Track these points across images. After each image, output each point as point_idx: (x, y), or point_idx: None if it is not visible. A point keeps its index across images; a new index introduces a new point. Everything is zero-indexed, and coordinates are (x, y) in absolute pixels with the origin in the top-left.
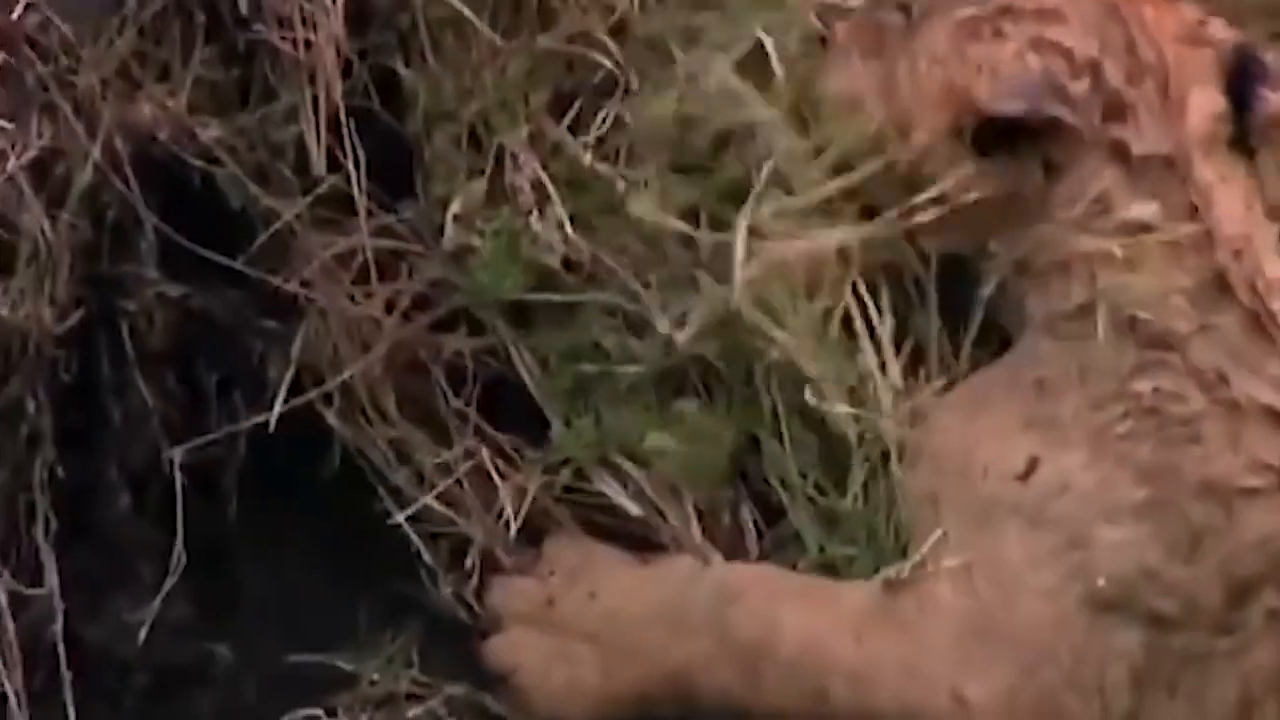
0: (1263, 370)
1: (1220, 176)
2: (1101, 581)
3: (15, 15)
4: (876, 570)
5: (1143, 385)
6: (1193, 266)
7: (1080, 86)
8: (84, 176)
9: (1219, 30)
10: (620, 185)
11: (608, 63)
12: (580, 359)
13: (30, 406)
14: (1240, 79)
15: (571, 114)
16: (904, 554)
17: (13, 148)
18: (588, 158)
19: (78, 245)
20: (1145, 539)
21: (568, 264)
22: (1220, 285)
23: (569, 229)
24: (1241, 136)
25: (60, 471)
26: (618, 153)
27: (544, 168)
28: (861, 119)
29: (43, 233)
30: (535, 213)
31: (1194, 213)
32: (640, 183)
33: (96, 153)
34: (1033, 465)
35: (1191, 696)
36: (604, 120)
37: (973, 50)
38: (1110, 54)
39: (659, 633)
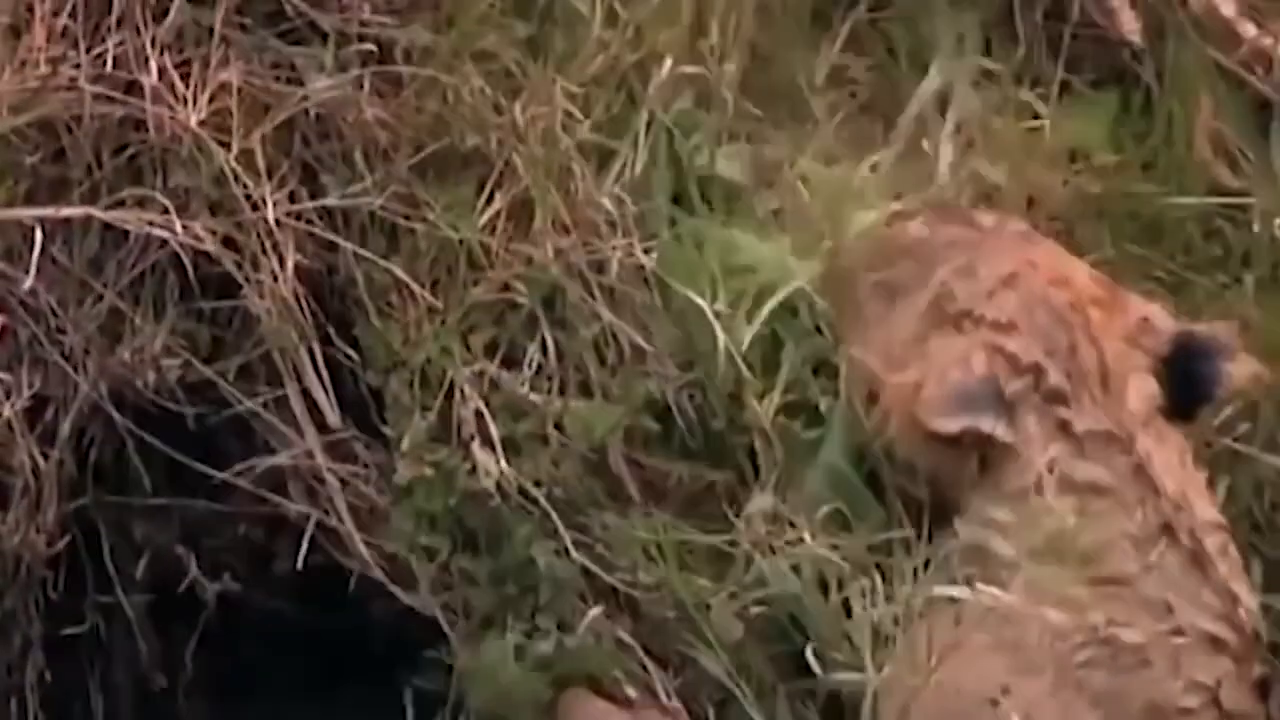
0: (1201, 600)
1: (1158, 439)
2: None
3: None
4: None
5: (1097, 616)
6: (1138, 518)
7: (1019, 384)
8: (70, 420)
9: (1162, 321)
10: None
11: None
12: (505, 580)
13: (22, 619)
14: (1191, 359)
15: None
16: None
17: (7, 396)
18: (525, 389)
19: (65, 480)
20: None
21: (502, 490)
22: (1165, 530)
23: (503, 463)
24: (1179, 408)
25: (48, 675)
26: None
27: (485, 401)
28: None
29: (34, 470)
30: (476, 440)
31: (1137, 473)
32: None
33: (81, 399)
34: (1004, 691)
35: None
36: (532, 359)
37: (933, 340)
38: (1053, 358)
39: None
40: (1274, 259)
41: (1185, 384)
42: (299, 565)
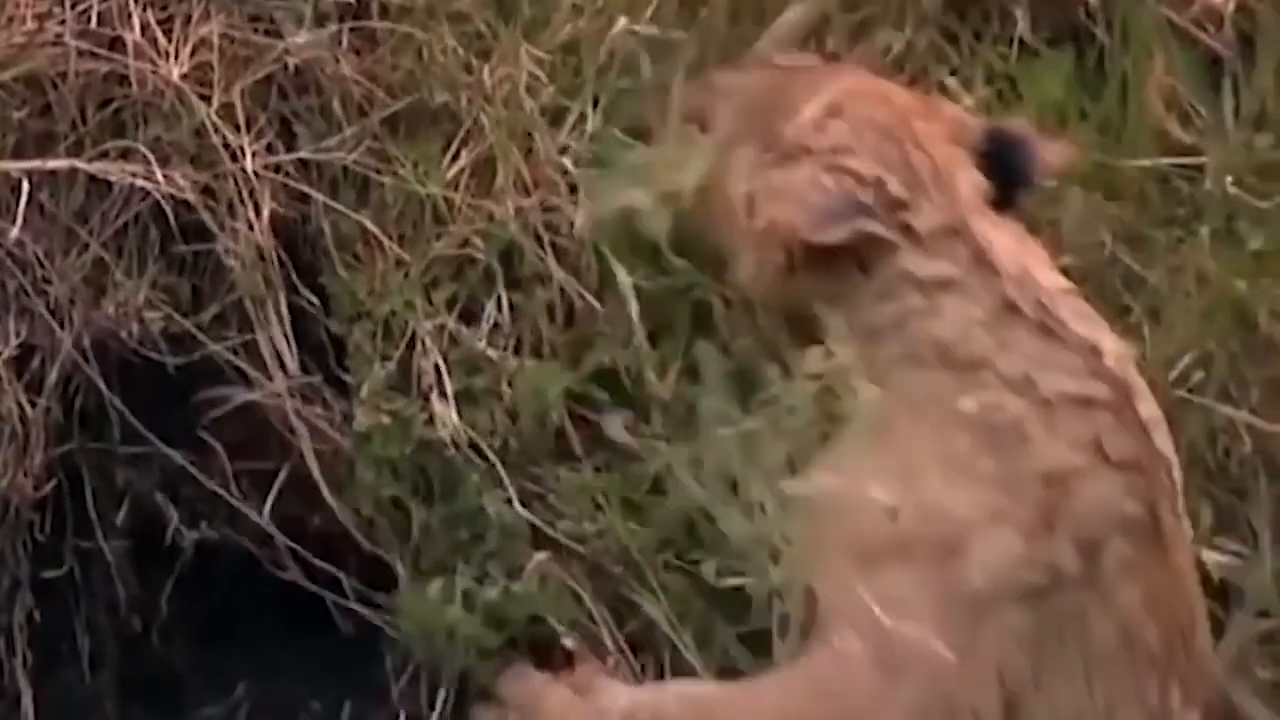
0: (1060, 364)
1: (993, 225)
2: (979, 582)
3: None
4: None
5: (967, 405)
6: (984, 301)
7: (867, 196)
8: (56, 369)
9: (971, 120)
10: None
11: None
12: (458, 526)
13: (11, 560)
14: (1004, 151)
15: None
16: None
17: None
18: (482, 344)
19: (51, 426)
20: (1006, 533)
21: (455, 441)
22: (1009, 308)
23: (454, 416)
24: (1004, 198)
25: (36, 614)
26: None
27: (443, 356)
28: None
29: (21, 417)
30: (434, 391)
31: (978, 260)
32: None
33: (67, 348)
34: (900, 503)
35: (1079, 643)
36: (490, 315)
37: (774, 177)
38: (890, 169)
39: None
40: (1227, 212)
41: (1004, 175)
42: (265, 514)
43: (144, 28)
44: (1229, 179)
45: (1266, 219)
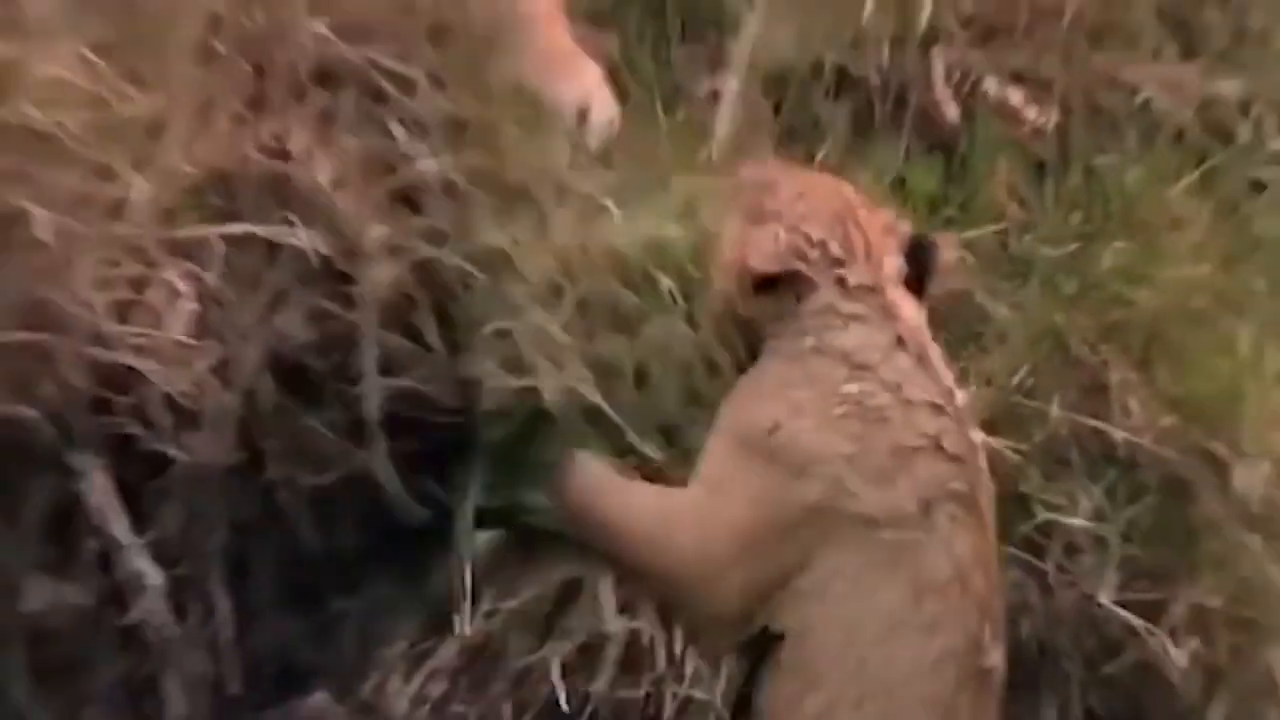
0: (925, 384)
1: (903, 296)
2: (813, 497)
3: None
4: None
5: (851, 388)
6: (886, 332)
7: (814, 253)
8: (242, 371)
9: (904, 225)
10: None
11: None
12: None
13: (211, 509)
14: (919, 253)
15: None
16: None
17: (201, 356)
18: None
19: (239, 416)
20: (848, 473)
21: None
22: (899, 342)
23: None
24: (914, 283)
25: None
26: None
27: None
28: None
29: (219, 406)
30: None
31: (885, 311)
32: None
33: (250, 358)
34: (776, 426)
35: (910, 568)
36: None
37: (750, 232)
38: (834, 238)
39: None
40: (1049, 268)
41: (916, 269)
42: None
43: (301, 143)
44: (1050, 245)
45: (1076, 272)
